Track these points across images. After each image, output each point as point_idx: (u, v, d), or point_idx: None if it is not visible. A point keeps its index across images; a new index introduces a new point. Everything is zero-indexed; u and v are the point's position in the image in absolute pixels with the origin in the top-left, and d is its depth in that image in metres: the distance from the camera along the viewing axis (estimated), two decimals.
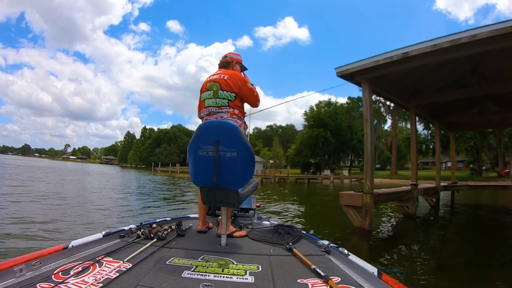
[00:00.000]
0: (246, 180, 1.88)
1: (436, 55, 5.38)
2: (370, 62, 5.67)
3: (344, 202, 5.78)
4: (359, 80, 6.10)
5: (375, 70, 5.82)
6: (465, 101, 10.18)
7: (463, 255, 4.74)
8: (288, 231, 2.15)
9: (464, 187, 12.21)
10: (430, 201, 10.16)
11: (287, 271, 1.46)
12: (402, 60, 5.46)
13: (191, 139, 1.86)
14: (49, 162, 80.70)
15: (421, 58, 5.36)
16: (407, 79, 7.61)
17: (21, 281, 1.19)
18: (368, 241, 5.39)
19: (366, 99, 5.99)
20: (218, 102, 2.13)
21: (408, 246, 5.27)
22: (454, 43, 5.15)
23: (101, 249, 1.67)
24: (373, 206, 5.58)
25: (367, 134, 5.85)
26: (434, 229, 7.20)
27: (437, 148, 11.24)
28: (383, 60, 5.53)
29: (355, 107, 47.16)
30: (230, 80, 2.13)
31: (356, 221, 5.65)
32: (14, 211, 6.67)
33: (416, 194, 7.76)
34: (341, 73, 6.06)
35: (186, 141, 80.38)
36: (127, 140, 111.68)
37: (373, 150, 5.90)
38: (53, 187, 13.13)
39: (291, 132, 70.69)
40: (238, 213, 3.01)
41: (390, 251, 4.82)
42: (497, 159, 35.97)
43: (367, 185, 5.58)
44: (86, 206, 8.40)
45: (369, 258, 3.29)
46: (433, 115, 10.34)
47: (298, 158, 48.69)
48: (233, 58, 2.40)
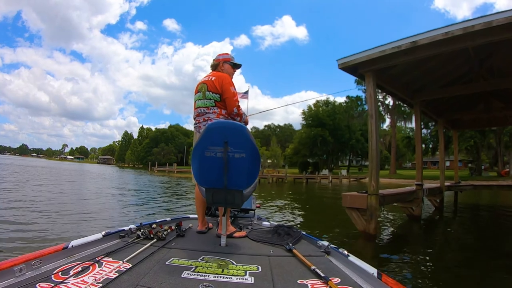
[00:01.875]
0: (252, 181, 1.86)
1: (448, 44, 4.95)
2: (376, 52, 5.22)
3: (347, 204, 5.32)
4: (363, 72, 5.66)
5: (381, 61, 5.38)
6: (470, 97, 9.82)
7: (476, 261, 4.31)
8: (288, 232, 2.15)
9: (468, 187, 11.81)
10: (434, 202, 9.75)
11: (287, 271, 1.46)
12: (411, 50, 5.03)
13: (198, 140, 1.82)
14: (46, 162, 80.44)
15: (431, 47, 4.92)
16: (412, 73, 7.19)
17: (21, 281, 1.19)
18: (373, 246, 4.96)
19: (371, 93, 5.53)
20: (206, 103, 2.23)
21: (417, 252, 4.83)
22: (467, 31, 4.72)
23: (101, 249, 1.66)
24: (378, 209, 5.14)
25: (372, 131, 5.40)
26: (441, 232, 6.78)
27: (442, 147, 10.83)
28: (390, 49, 5.09)
29: (353, 106, 46.82)
30: (216, 81, 2.22)
31: (360, 225, 5.21)
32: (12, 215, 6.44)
33: (422, 194, 7.33)
34: (343, 65, 5.61)
35: (183, 140, 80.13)
36: (124, 140, 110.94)
37: (378, 148, 5.45)
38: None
39: (289, 132, 70.19)
40: (238, 214, 3.00)
41: (398, 257, 4.39)
42: (497, 158, 35.72)
43: (372, 186, 5.13)
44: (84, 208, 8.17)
45: (376, 265, 2.95)
46: (438, 112, 9.92)
47: (296, 157, 48.25)
48: (219, 60, 2.44)
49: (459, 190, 11.66)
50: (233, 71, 2.49)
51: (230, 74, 2.43)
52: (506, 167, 35.04)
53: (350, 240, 5.33)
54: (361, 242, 5.14)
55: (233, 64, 2.47)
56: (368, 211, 5.03)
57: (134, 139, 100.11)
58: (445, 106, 9.83)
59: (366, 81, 5.64)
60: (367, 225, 5.05)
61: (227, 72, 2.41)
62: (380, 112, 43.67)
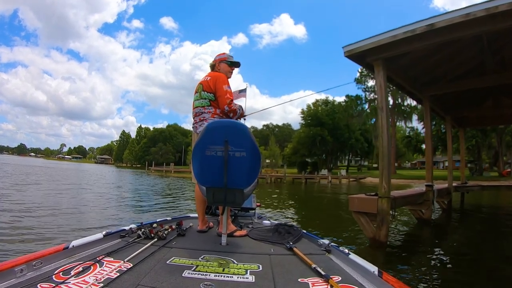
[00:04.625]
0: (253, 180, 1.86)
1: (467, 28, 4.37)
2: (387, 38, 4.64)
3: (354, 208, 4.74)
4: (371, 61, 5.07)
5: (392, 48, 4.80)
6: (478, 93, 9.33)
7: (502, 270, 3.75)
8: (288, 231, 2.14)
9: (476, 188, 11.28)
10: (442, 204, 9.20)
11: (288, 270, 1.46)
12: (426, 34, 4.45)
13: (198, 139, 1.82)
14: (44, 161, 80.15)
15: (450, 31, 4.34)
16: (421, 65, 6.64)
17: (22, 281, 1.19)
18: (384, 255, 4.39)
19: (380, 83, 4.95)
20: (202, 103, 2.29)
21: (434, 262, 4.25)
22: (490, 12, 4.16)
23: (102, 249, 1.66)
24: (390, 213, 4.57)
25: (382, 125, 4.82)
26: (457, 239, 6.10)
27: (450, 146, 10.26)
28: (403, 34, 4.51)
29: (353, 106, 46.29)
30: (211, 81, 2.28)
31: (369, 231, 4.64)
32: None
33: (432, 196, 6.77)
34: (349, 53, 5.03)
35: (181, 140, 79.54)
36: (122, 140, 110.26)
37: (389, 145, 4.87)
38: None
39: (287, 132, 69.82)
40: (239, 213, 2.99)
41: (414, 268, 3.83)
42: (498, 158, 35.36)
43: (384, 187, 4.53)
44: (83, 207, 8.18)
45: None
46: (445, 109, 9.37)
47: (295, 157, 47.75)
48: (215, 60, 2.49)
49: (466, 191, 11.15)
50: (230, 70, 2.50)
51: (227, 73, 2.45)
52: (506, 167, 34.70)
53: (358, 247, 4.76)
54: (370, 250, 4.58)
55: (230, 62, 2.48)
56: (378, 216, 4.45)
57: (132, 139, 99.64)
58: (453, 102, 9.29)
59: (375, 70, 5.06)
60: (377, 231, 4.47)
61: (223, 71, 2.44)
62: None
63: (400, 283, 1.24)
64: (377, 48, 4.81)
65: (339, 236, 5.66)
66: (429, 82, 7.35)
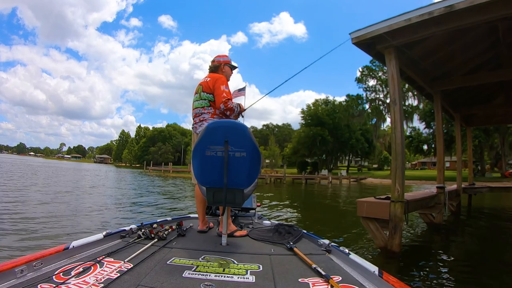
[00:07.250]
0: (253, 180, 1.83)
1: (490, 10, 3.84)
2: (400, 21, 4.12)
3: (363, 213, 4.20)
4: (381, 48, 4.55)
5: (405, 34, 4.29)
6: (490, 89, 8.84)
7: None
8: (288, 231, 2.13)
9: (484, 189, 10.76)
10: (451, 206, 8.66)
11: (288, 270, 1.45)
12: (444, 17, 3.92)
13: (198, 139, 1.81)
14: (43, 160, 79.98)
15: (473, 13, 3.81)
16: (432, 57, 6.13)
17: (22, 282, 1.18)
18: (398, 267, 3.86)
19: (392, 73, 4.42)
20: (202, 104, 2.32)
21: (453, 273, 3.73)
22: None
23: (102, 250, 1.65)
24: (404, 219, 4.04)
25: (395, 120, 4.30)
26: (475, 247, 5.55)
27: (459, 145, 9.74)
28: (419, 17, 3.99)
29: (353, 105, 45.74)
30: (210, 82, 2.30)
31: (380, 240, 4.11)
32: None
33: (444, 199, 6.25)
34: (357, 39, 4.50)
35: (181, 140, 78.99)
36: (122, 139, 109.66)
37: (403, 142, 4.34)
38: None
39: (287, 132, 69.27)
40: (239, 213, 2.99)
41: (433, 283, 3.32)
42: (501, 159, 34.87)
43: (397, 190, 4.01)
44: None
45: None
46: (455, 106, 8.86)
47: (295, 157, 47.26)
48: (220, 61, 2.48)
49: (474, 192, 10.64)
50: (231, 73, 2.57)
51: (229, 75, 2.50)
52: (507, 168, 34.20)
53: (367, 257, 4.24)
54: (381, 260, 4.05)
55: (232, 66, 2.53)
56: (391, 223, 3.93)
57: (131, 138, 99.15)
58: (463, 98, 8.78)
59: (386, 60, 4.54)
60: (389, 240, 3.95)
61: (227, 74, 2.48)
62: (381, 111, 42.69)
63: (401, 283, 1.23)
64: (389, 33, 4.28)
65: (346, 241, 5.14)
66: (441, 76, 6.84)
